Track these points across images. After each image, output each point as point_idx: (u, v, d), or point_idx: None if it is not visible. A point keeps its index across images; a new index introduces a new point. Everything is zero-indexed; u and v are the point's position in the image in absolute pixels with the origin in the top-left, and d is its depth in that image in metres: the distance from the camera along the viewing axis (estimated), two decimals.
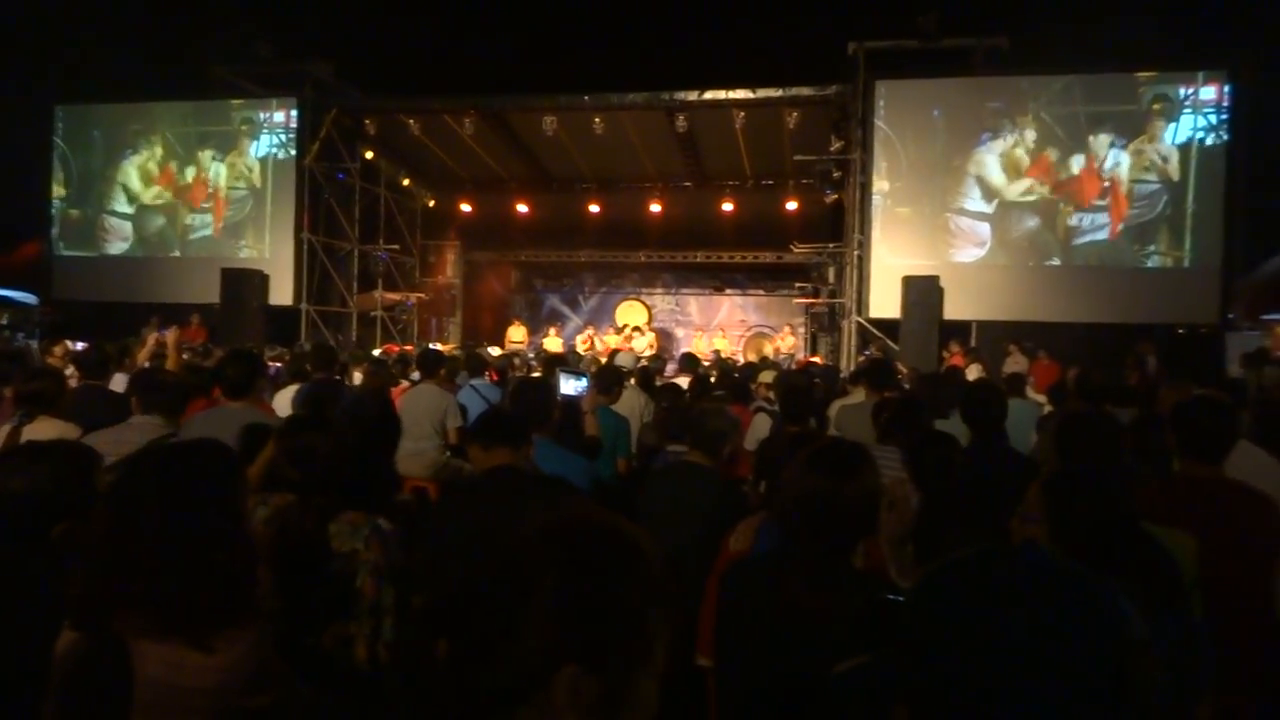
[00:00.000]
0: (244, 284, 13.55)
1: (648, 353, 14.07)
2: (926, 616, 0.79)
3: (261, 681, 1.51)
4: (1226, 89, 11.94)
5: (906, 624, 0.80)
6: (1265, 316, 14.13)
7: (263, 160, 14.88)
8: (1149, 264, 12.21)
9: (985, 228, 12.61)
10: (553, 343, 16.29)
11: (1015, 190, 12.50)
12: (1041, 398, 7.20)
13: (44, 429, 3.73)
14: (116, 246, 15.45)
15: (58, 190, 15.51)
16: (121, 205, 15.41)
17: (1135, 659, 0.72)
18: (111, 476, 2.02)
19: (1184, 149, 12.07)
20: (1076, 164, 12.29)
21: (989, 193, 12.58)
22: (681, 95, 13.33)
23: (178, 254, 15.23)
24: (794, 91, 13.05)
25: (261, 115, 14.91)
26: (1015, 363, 10.94)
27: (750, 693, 1.67)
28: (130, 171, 15.35)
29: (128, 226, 15.40)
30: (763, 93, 13.03)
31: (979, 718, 0.73)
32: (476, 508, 2.52)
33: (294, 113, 14.68)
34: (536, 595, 0.89)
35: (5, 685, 1.59)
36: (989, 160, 12.57)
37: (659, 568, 0.98)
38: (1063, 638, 0.72)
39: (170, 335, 5.85)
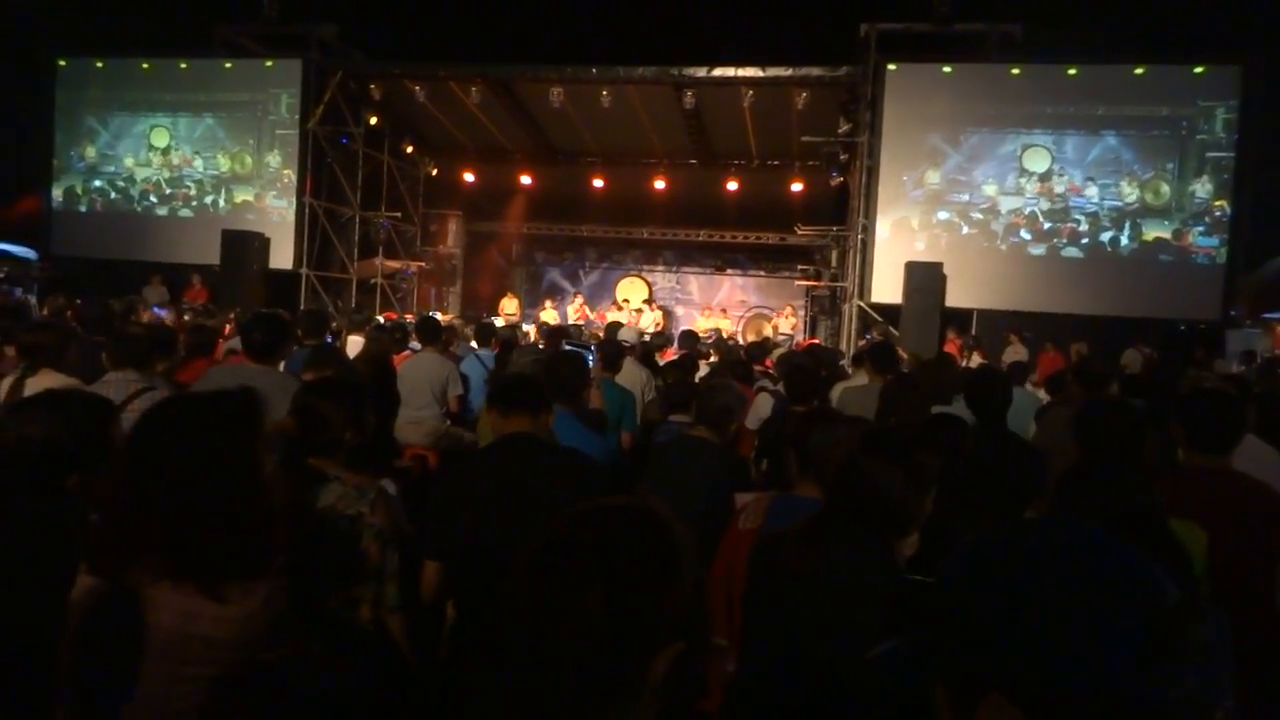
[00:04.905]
0: (244, 246, 13.46)
1: (652, 329, 14.04)
2: (966, 591, 0.79)
3: (276, 635, 1.51)
4: (1236, 85, 11.88)
5: (943, 601, 0.80)
6: (1266, 315, 14.17)
7: (257, 123, 14.76)
8: (1150, 257, 12.20)
9: (982, 214, 12.59)
10: (548, 315, 16.26)
11: (1025, 192, 12.48)
12: (1038, 389, 7.20)
13: (46, 382, 3.70)
14: (116, 200, 15.36)
15: (60, 142, 15.38)
16: (123, 160, 15.31)
17: (1175, 622, 0.73)
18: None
19: (1191, 144, 12.02)
20: (1078, 175, 12.27)
21: (989, 183, 12.56)
22: (690, 71, 13.20)
23: (183, 213, 15.14)
24: (804, 71, 12.92)
25: (259, 81, 14.75)
26: (1015, 352, 10.96)
27: (775, 672, 1.67)
28: (122, 120, 15.25)
29: (127, 180, 15.31)
30: (772, 72, 12.90)
31: (1026, 688, 0.73)
32: (491, 474, 2.51)
33: (288, 79, 14.51)
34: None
35: (23, 631, 1.58)
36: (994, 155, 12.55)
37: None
38: (1106, 603, 0.73)
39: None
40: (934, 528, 2.55)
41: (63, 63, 15.36)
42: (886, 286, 12.39)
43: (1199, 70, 12.03)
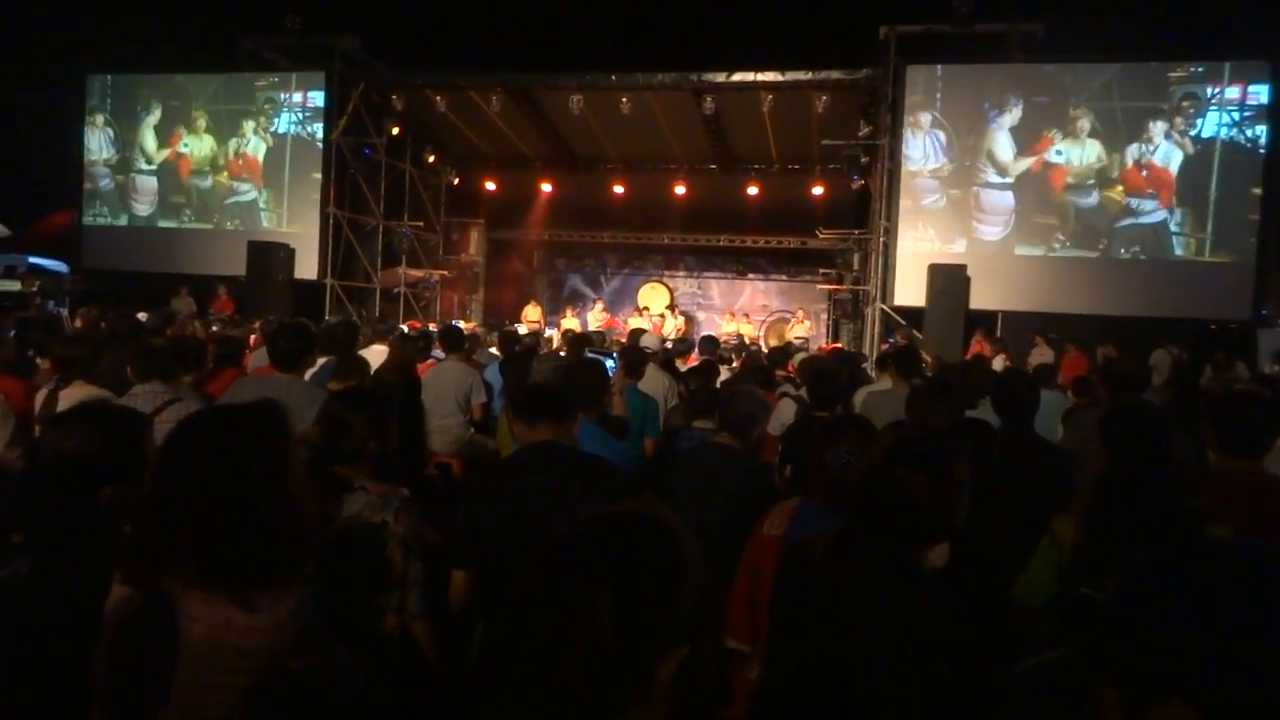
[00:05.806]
0: (270, 257, 13.62)
1: (674, 336, 14.05)
2: (1154, 604, 0.83)
3: (305, 644, 1.53)
4: (1266, 86, 11.68)
5: (1125, 612, 0.84)
6: None
7: (281, 136, 14.97)
8: (1177, 256, 12.03)
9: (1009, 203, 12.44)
10: (570, 323, 16.30)
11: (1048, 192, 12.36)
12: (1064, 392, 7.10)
13: (78, 394, 3.78)
14: (144, 213, 15.60)
15: (90, 158, 15.66)
16: (151, 173, 15.57)
17: None
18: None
19: (1211, 143, 11.85)
20: (1130, 156, 12.11)
21: (1004, 169, 12.46)
22: (709, 76, 13.21)
23: (209, 225, 15.37)
24: (823, 75, 12.88)
25: (282, 95, 14.98)
26: (1041, 354, 10.83)
27: (802, 682, 1.66)
28: (149, 135, 15.53)
29: (155, 193, 15.56)
30: (791, 75, 12.88)
31: (1213, 698, 0.77)
32: (519, 483, 2.52)
33: (310, 93, 14.74)
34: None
35: (58, 641, 1.61)
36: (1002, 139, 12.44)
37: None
38: None
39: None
40: (963, 534, 2.53)
41: (92, 78, 15.64)
42: (909, 289, 12.31)
43: (1227, 68, 11.87)
